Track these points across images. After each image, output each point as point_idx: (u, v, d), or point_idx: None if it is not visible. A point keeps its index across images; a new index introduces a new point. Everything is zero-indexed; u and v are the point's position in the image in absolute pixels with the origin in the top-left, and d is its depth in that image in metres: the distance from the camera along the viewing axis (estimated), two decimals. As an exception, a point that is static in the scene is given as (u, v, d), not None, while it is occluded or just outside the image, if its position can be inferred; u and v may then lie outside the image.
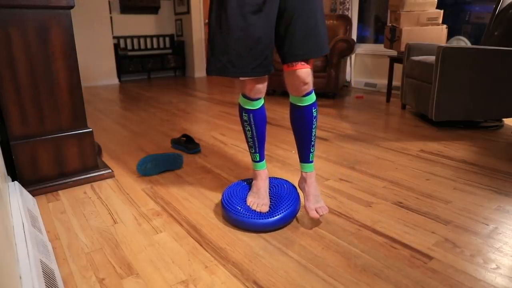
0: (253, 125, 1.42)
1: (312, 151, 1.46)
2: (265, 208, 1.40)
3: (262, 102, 1.42)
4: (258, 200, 1.43)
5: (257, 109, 1.40)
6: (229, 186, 1.56)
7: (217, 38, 1.27)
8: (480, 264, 1.17)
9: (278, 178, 1.60)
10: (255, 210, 1.39)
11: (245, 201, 1.45)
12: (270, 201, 1.45)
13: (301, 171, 1.50)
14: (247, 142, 1.48)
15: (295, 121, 1.43)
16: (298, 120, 1.42)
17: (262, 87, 1.36)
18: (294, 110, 1.41)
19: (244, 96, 1.39)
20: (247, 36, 1.24)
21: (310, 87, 1.35)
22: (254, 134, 1.44)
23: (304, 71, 1.31)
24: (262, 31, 1.25)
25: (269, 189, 1.52)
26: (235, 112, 3.43)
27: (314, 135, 1.43)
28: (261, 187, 1.48)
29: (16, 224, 1.23)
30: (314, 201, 1.42)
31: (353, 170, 1.96)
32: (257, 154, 1.48)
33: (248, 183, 1.58)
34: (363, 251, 1.25)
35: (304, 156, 1.47)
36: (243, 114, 1.41)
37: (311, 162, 1.48)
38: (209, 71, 1.32)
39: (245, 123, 1.43)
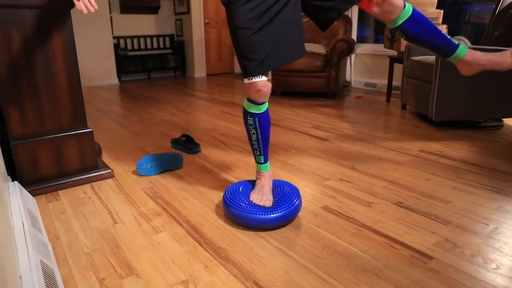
0: (258, 129, 1.42)
1: (449, 37, 1.42)
2: (268, 203, 1.40)
3: (267, 105, 1.42)
4: (262, 196, 1.43)
5: (262, 112, 1.40)
6: (231, 185, 1.56)
7: (243, 41, 1.28)
8: (480, 264, 1.17)
9: (280, 180, 1.60)
10: (258, 205, 1.39)
11: (248, 197, 1.45)
12: (273, 200, 1.45)
13: (461, 59, 1.43)
14: (252, 145, 1.48)
15: (416, 32, 1.39)
16: (417, 28, 1.37)
17: (268, 90, 1.36)
18: (408, 26, 1.37)
19: (250, 100, 1.38)
20: (271, 30, 1.27)
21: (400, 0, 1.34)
22: (259, 137, 1.44)
23: None
24: (286, 19, 1.29)
25: (274, 188, 1.52)
26: (235, 112, 3.43)
27: (436, 27, 1.40)
28: (265, 185, 1.49)
29: (16, 224, 1.23)
30: (499, 54, 1.41)
31: (353, 170, 1.96)
32: (262, 156, 1.49)
33: (251, 183, 1.58)
34: (363, 251, 1.25)
35: (449, 48, 1.42)
36: (248, 118, 1.41)
37: (458, 45, 1.42)
38: (249, 73, 1.31)
39: (250, 127, 1.43)
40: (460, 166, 1.98)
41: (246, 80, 1.33)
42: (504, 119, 2.89)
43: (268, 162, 1.52)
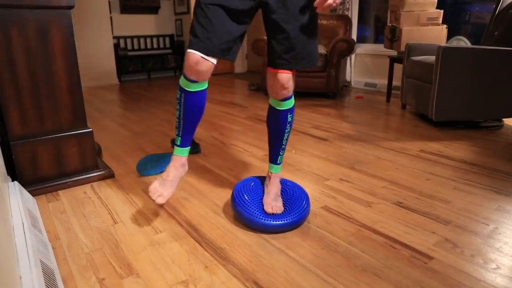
0: (182, 106, 1.36)
1: (281, 154, 1.53)
2: (279, 211, 1.41)
3: (200, 88, 1.34)
4: (160, 188, 1.39)
5: (189, 92, 1.33)
6: (239, 183, 1.56)
7: (197, 15, 1.27)
8: (480, 264, 1.17)
9: (291, 182, 1.60)
10: (268, 212, 1.39)
11: (260, 201, 1.46)
12: (284, 203, 1.45)
13: (268, 170, 1.55)
14: (175, 121, 1.43)
15: (270, 122, 1.50)
16: (272, 122, 1.48)
17: (199, 69, 1.27)
18: (270, 112, 1.48)
19: (183, 74, 1.33)
20: (210, 20, 1.24)
21: (289, 92, 1.40)
22: (181, 116, 1.38)
23: (285, 76, 1.36)
24: (238, 22, 1.27)
25: (283, 191, 1.52)
26: (235, 112, 3.43)
27: (286, 139, 1.50)
28: (170, 173, 1.42)
29: (16, 224, 1.23)
30: (273, 198, 1.46)
31: (353, 170, 1.96)
32: (179, 138, 1.43)
33: (261, 181, 1.59)
34: (363, 251, 1.25)
35: (273, 157, 1.54)
36: (178, 91, 1.37)
37: (279, 164, 1.54)
38: (189, 45, 1.28)
39: (177, 100, 1.38)
40: (460, 166, 1.98)
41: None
42: (504, 119, 2.89)
43: (185, 148, 1.44)
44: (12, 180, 1.70)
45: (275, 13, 1.29)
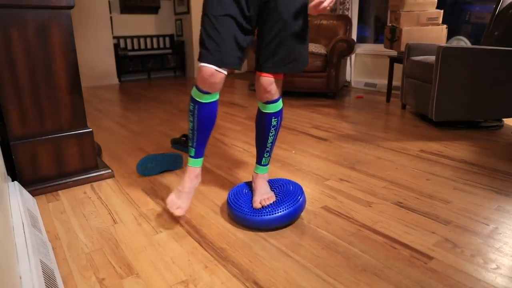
0: (195, 118, 1.37)
1: (266, 156, 1.53)
2: (271, 200, 1.42)
3: (212, 99, 1.35)
4: (178, 201, 1.41)
5: (203, 103, 1.34)
6: (233, 189, 1.57)
7: (206, 27, 1.28)
8: (480, 264, 1.17)
9: (284, 178, 1.60)
10: (264, 206, 1.39)
11: (251, 201, 1.46)
12: (279, 199, 1.46)
13: (254, 170, 1.56)
14: (188, 133, 1.44)
15: (256, 124, 1.51)
16: (258, 124, 1.49)
17: (213, 82, 1.30)
18: (257, 114, 1.49)
19: (196, 86, 1.35)
20: (219, 32, 1.26)
21: (272, 96, 1.40)
22: (195, 127, 1.39)
23: (266, 80, 1.37)
24: (235, 32, 1.28)
25: (275, 188, 1.53)
26: (235, 112, 3.43)
27: (271, 142, 1.50)
28: (186, 185, 1.44)
29: (16, 224, 1.23)
30: (260, 194, 1.47)
31: (353, 170, 1.96)
32: (193, 149, 1.43)
33: (250, 185, 1.59)
34: (363, 251, 1.25)
35: (258, 158, 1.54)
36: (190, 103, 1.38)
37: (264, 166, 1.55)
38: (199, 58, 1.31)
39: (189, 113, 1.39)
40: (460, 166, 1.98)
41: (199, 64, 1.33)
42: (504, 119, 2.89)
43: (199, 158, 1.45)
44: (12, 180, 1.70)
45: (268, 17, 1.31)
